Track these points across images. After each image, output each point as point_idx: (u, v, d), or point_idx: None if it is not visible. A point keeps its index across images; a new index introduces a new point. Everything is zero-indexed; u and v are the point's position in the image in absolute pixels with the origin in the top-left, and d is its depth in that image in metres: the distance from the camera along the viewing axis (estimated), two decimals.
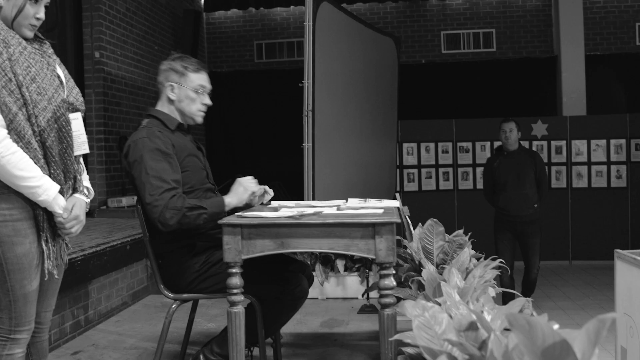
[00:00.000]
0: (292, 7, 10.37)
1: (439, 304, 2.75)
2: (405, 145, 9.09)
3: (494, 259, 3.41)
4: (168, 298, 3.24)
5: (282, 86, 8.90)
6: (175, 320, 3.81)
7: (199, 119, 3.43)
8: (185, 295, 3.27)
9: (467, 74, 10.24)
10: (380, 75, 7.53)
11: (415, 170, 9.12)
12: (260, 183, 3.57)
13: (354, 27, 6.79)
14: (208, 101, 3.40)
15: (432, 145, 9.13)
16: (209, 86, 3.42)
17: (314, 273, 5.69)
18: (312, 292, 5.72)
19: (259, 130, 10.10)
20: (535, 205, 6.02)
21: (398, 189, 8.51)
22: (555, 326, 1.60)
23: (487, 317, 2.48)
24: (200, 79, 3.37)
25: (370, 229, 2.78)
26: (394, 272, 2.86)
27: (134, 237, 5.55)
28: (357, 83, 6.80)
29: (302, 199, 5.53)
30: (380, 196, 6.64)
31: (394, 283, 2.84)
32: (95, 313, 4.95)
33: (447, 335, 1.98)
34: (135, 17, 8.33)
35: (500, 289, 3.37)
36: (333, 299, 5.70)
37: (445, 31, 10.50)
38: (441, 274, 3.32)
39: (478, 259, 3.70)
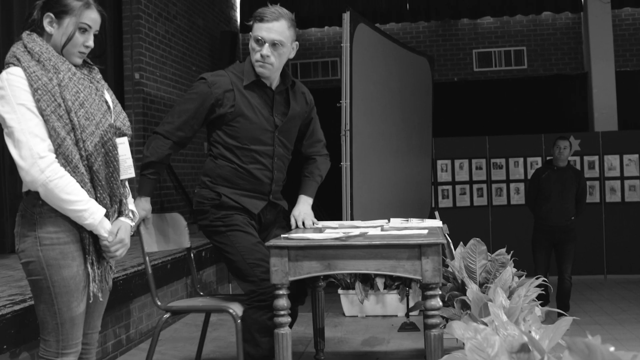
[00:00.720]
0: (326, 27, 10.48)
1: (485, 324, 2.80)
2: (439, 162, 9.14)
3: (537, 278, 3.45)
4: (159, 308, 3.45)
5: (318, 105, 8.96)
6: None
7: (259, 69, 3.31)
8: (175, 308, 3.46)
9: (499, 92, 10.29)
10: (415, 94, 7.59)
11: (449, 187, 9.15)
12: (294, 201, 3.62)
13: (390, 47, 6.86)
14: (264, 51, 3.25)
15: (465, 162, 9.16)
16: (270, 37, 3.24)
17: (353, 291, 5.75)
18: (352, 309, 5.79)
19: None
20: (572, 218, 6.46)
21: (433, 205, 8.53)
22: (611, 348, 1.63)
23: (535, 337, 2.52)
24: (258, 29, 3.26)
25: (416, 250, 2.81)
26: (439, 292, 2.90)
27: (175, 256, 5.61)
28: (393, 102, 6.87)
29: (337, 216, 5.60)
30: (416, 213, 6.68)
31: (440, 303, 2.88)
32: (136, 332, 5.01)
33: (500, 357, 2.01)
34: (174, 39, 8.49)
35: (546, 308, 3.39)
36: (373, 316, 5.72)
37: (477, 49, 10.55)
38: (485, 293, 3.37)
39: (519, 277, 3.74)
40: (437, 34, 10.62)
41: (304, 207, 3.55)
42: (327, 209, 7.93)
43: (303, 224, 3.49)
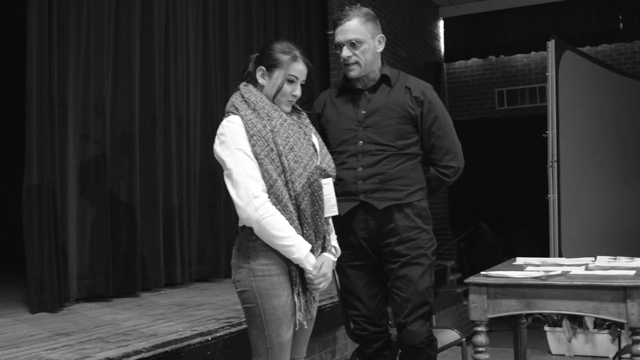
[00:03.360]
0: (532, 52, 10.18)
1: None
2: None
3: None
4: (354, 342, 3.48)
5: (524, 133, 8.78)
6: None
7: (347, 73, 3.22)
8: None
9: None
10: (632, 121, 7.22)
11: None
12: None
13: (600, 73, 6.61)
14: (343, 54, 3.17)
15: None
16: (345, 38, 3.15)
17: (560, 329, 5.55)
18: (559, 348, 5.58)
19: (500, 178, 9.98)
20: None
21: None
22: None
23: None
24: (336, 35, 3.20)
25: (621, 292, 2.72)
26: None
27: None
28: (605, 130, 6.58)
29: (546, 249, 5.47)
30: (630, 247, 6.32)
31: None
32: (341, 358, 5.19)
33: None
34: None
35: None
36: (582, 356, 5.48)
37: None
38: None
39: None
40: None
41: None
42: (538, 243, 7.71)
43: None
